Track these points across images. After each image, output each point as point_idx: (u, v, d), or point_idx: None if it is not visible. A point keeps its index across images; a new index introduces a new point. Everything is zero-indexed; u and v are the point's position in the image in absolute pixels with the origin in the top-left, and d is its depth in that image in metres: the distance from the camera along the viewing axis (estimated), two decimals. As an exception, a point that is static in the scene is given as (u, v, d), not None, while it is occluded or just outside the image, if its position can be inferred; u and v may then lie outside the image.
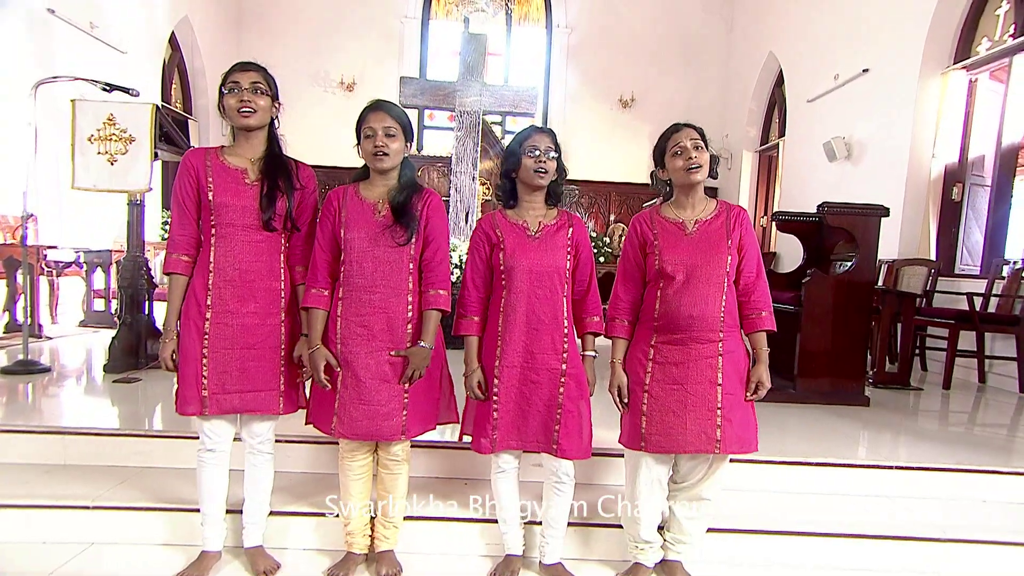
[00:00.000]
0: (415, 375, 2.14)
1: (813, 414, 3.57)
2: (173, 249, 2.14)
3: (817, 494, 2.73)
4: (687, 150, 2.12)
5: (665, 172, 2.23)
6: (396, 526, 2.33)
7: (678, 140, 2.15)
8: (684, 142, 2.13)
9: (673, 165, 2.16)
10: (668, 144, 2.18)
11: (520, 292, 2.15)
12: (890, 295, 4.39)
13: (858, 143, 6.79)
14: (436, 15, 11.04)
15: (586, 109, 10.71)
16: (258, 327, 2.14)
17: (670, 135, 2.19)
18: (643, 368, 2.18)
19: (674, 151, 2.15)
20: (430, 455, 2.75)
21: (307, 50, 10.27)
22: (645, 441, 2.15)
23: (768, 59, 9.05)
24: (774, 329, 2.21)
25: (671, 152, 2.17)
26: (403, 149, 2.17)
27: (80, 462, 2.73)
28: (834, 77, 7.18)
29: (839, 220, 3.84)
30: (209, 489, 2.22)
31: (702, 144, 2.15)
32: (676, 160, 2.15)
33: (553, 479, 2.25)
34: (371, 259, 2.13)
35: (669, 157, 2.18)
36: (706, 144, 2.17)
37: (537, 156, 2.15)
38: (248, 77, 2.08)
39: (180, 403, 2.11)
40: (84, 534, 2.41)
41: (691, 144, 2.12)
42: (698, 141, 2.14)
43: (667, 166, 2.20)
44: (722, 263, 2.14)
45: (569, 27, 10.81)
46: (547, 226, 2.22)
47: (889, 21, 6.31)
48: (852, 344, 3.76)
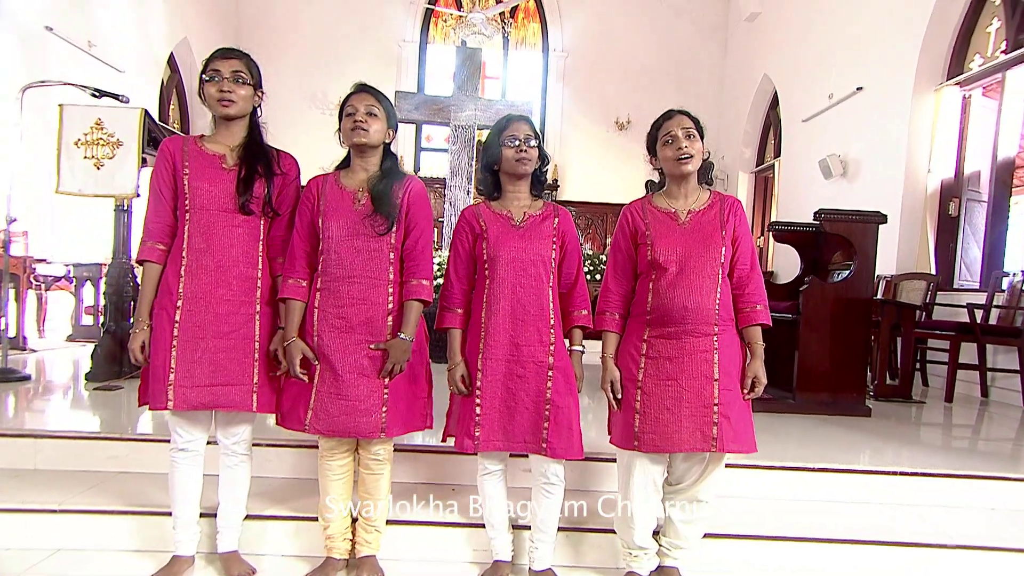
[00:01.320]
0: (395, 369, 2.05)
1: (813, 424, 3.47)
2: (148, 237, 2.06)
3: (818, 500, 2.62)
4: (678, 139, 2.06)
5: (656, 161, 2.17)
6: (379, 530, 2.22)
7: (669, 128, 2.08)
8: (675, 131, 2.07)
9: (664, 155, 2.10)
10: (659, 132, 2.12)
11: (504, 282, 2.08)
12: (889, 306, 4.32)
13: (854, 160, 6.79)
14: (434, 39, 11.15)
15: (582, 132, 10.76)
16: (231, 315, 2.04)
17: (661, 123, 2.12)
18: (636, 364, 2.09)
19: (665, 139, 2.09)
20: (415, 460, 2.64)
21: (305, 72, 10.33)
22: (638, 440, 2.05)
23: (762, 81, 9.12)
24: (769, 323, 2.13)
25: (662, 140, 2.10)
26: (385, 132, 2.12)
27: (51, 467, 2.61)
28: (828, 96, 7.21)
29: (837, 227, 3.79)
30: (182, 491, 2.11)
31: (695, 133, 2.08)
32: (666, 149, 2.08)
33: (542, 480, 2.14)
34: (350, 248, 2.06)
35: (660, 146, 2.11)
36: (700, 133, 2.10)
37: (517, 145, 2.08)
38: (229, 65, 2.03)
39: (144, 396, 2.01)
40: (49, 540, 2.29)
41: (682, 133, 2.06)
42: (690, 130, 2.07)
43: (658, 155, 2.14)
44: (716, 254, 2.07)
45: (565, 51, 10.91)
46: (532, 216, 2.16)
47: (882, 39, 6.35)
48: (852, 353, 3.68)
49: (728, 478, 2.46)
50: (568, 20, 10.89)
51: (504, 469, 2.21)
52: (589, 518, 2.38)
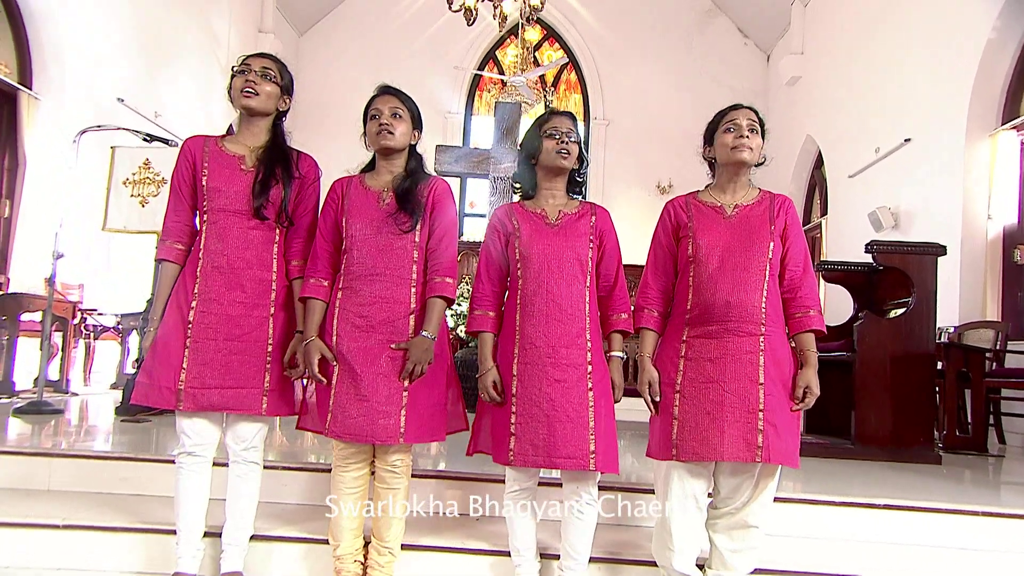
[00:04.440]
0: (416, 370, 1.93)
1: (877, 468, 3.14)
2: (166, 236, 2.05)
3: (884, 543, 2.32)
4: (740, 127, 1.96)
5: (711, 150, 2.06)
6: (393, 554, 2.04)
7: (733, 117, 1.99)
8: (740, 119, 1.97)
9: (722, 140, 1.99)
10: (721, 120, 2.02)
11: (538, 281, 1.96)
12: (955, 350, 4.00)
13: (905, 212, 6.55)
14: (478, 111, 11.52)
15: (623, 195, 10.77)
16: (243, 318, 1.98)
17: (726, 112, 2.03)
18: (674, 366, 1.93)
19: (727, 127, 1.99)
20: (437, 486, 2.46)
21: (359, 146, 10.69)
22: (676, 448, 1.86)
23: (805, 141, 9.03)
24: (823, 330, 1.96)
25: (723, 128, 2.00)
26: (410, 134, 2.09)
27: (64, 487, 2.53)
28: (875, 150, 7.06)
29: (891, 259, 3.56)
30: (186, 500, 2.00)
31: (758, 128, 1.99)
32: (726, 136, 1.98)
33: (573, 499, 1.95)
34: (373, 246, 1.99)
35: (720, 132, 2.01)
36: (763, 133, 2.01)
37: (558, 138, 2.00)
38: (259, 62, 2.06)
39: (143, 391, 1.93)
40: (51, 558, 2.18)
41: (746, 124, 1.97)
42: (755, 124, 1.98)
43: (715, 142, 2.03)
44: (763, 249, 1.93)
45: (606, 119, 11.11)
46: (568, 214, 2.06)
47: (928, 88, 6.24)
48: (915, 392, 3.38)
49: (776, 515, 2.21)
50: (609, 90, 11.13)
51: (534, 488, 2.03)
52: (626, 549, 2.15)
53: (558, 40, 11.37)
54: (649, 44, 11.03)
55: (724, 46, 11.01)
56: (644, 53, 11.00)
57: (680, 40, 10.96)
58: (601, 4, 11.10)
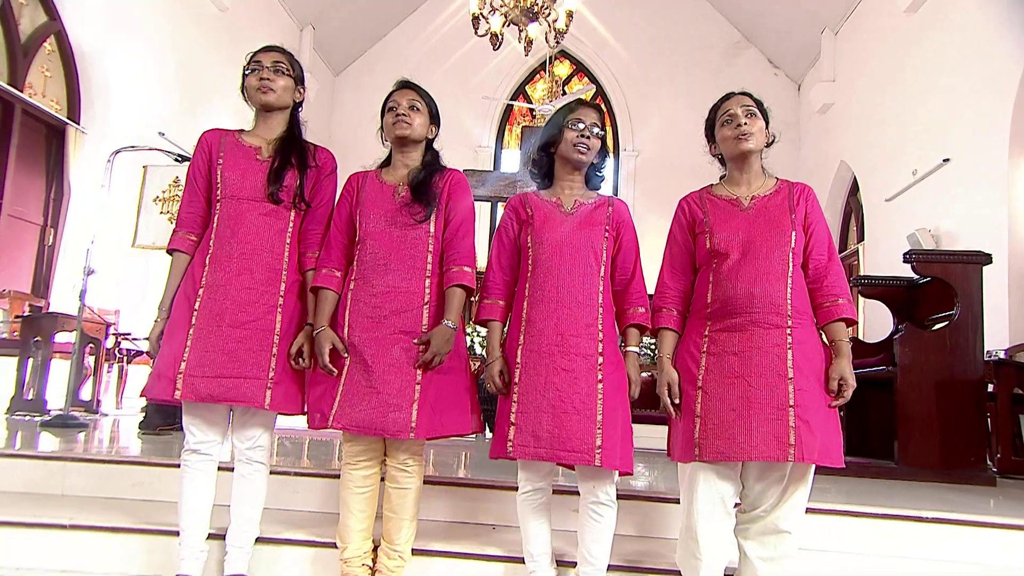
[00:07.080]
0: (435, 360, 1.87)
1: (923, 487, 2.94)
2: (179, 226, 2.04)
3: (930, 560, 2.13)
4: (736, 117, 1.89)
5: (716, 147, 2.00)
6: (403, 558, 1.95)
7: (727, 108, 1.92)
8: (734, 109, 1.90)
9: (722, 135, 1.93)
10: (717, 114, 1.96)
11: (549, 268, 1.90)
12: (1007, 367, 3.77)
13: (946, 233, 6.33)
14: (508, 145, 11.64)
15: (651, 227, 10.59)
16: (250, 304, 1.93)
17: (719, 104, 1.96)
18: (695, 362, 1.82)
19: (723, 120, 1.92)
20: (451, 494, 2.36)
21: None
22: (699, 448, 1.74)
23: (840, 168, 8.88)
24: (855, 318, 1.84)
25: (720, 121, 1.94)
26: (427, 127, 2.07)
27: (77, 492, 2.49)
28: (912, 172, 6.88)
29: (932, 269, 3.40)
30: (189, 499, 1.94)
31: (755, 111, 1.91)
32: (725, 129, 1.91)
33: (590, 500, 1.84)
34: (387, 237, 1.96)
35: (719, 127, 1.94)
36: (763, 113, 1.93)
37: (581, 130, 1.94)
38: (270, 57, 2.07)
39: (150, 383, 1.89)
40: (57, 561, 2.14)
41: (742, 111, 1.89)
42: (751, 108, 1.91)
43: (716, 138, 1.97)
44: (785, 239, 1.84)
45: (636, 151, 11.10)
46: (584, 204, 2.00)
47: (966, 107, 6.08)
48: (963, 408, 3.17)
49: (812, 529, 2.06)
50: (639, 123, 11.15)
51: (547, 489, 1.92)
52: (648, 558, 2.02)
53: (587, 74, 11.47)
54: (678, 76, 11.05)
55: (754, 77, 10.95)
56: (673, 85, 11.01)
57: (709, 72, 10.95)
58: (630, 37, 11.20)
